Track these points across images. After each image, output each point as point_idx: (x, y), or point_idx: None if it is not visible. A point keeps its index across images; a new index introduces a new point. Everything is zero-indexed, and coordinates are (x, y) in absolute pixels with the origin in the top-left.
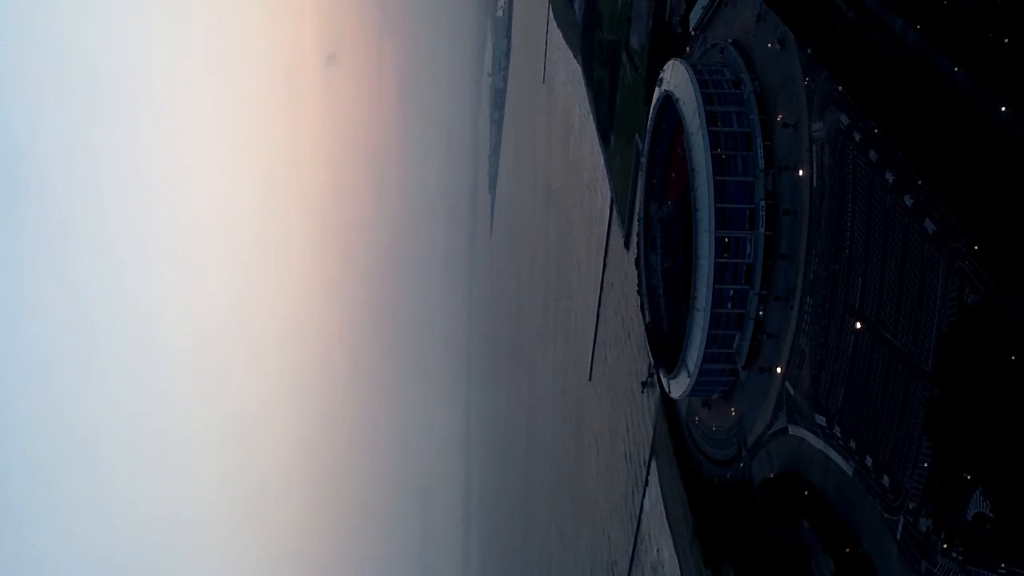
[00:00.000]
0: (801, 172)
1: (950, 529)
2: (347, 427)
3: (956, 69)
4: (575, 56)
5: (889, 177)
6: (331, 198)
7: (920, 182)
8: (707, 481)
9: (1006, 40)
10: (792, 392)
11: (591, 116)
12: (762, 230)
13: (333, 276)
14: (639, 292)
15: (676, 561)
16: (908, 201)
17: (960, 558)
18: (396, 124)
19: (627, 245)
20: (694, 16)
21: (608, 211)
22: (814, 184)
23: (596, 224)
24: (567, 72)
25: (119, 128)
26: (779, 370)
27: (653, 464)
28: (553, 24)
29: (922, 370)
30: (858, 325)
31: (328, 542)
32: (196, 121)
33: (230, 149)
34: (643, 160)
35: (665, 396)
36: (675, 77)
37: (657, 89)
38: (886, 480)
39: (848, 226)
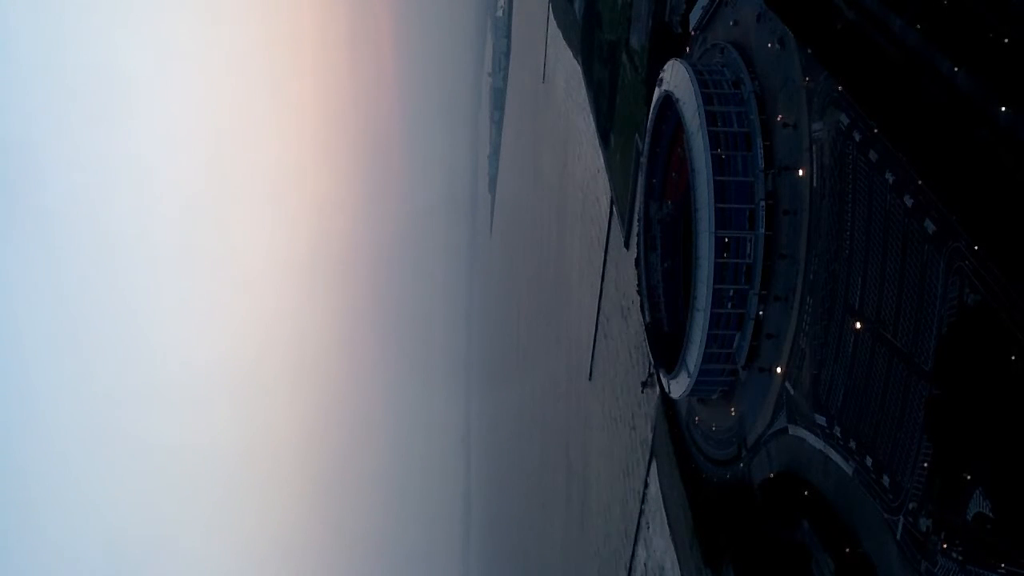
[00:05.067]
0: (801, 172)
1: (950, 529)
2: (347, 427)
3: (956, 69)
4: (575, 56)
5: (889, 177)
6: (331, 198)
7: (920, 182)
8: (707, 481)
9: (1006, 40)
10: (792, 392)
11: (591, 116)
12: (762, 230)
13: (333, 276)
14: (639, 292)
15: (676, 561)
16: (908, 201)
17: (960, 558)
18: (396, 124)
19: (627, 245)
20: (694, 16)
21: (608, 211)
22: (814, 184)
23: (596, 224)
24: (567, 72)
25: (117, 128)
26: (779, 370)
27: (653, 464)
28: (553, 24)
29: (922, 370)
30: (858, 325)
31: (328, 542)
32: (195, 121)
33: (229, 150)
34: (643, 160)
35: (665, 396)
36: (675, 77)
37: (657, 89)
38: (886, 480)
39: (848, 226)
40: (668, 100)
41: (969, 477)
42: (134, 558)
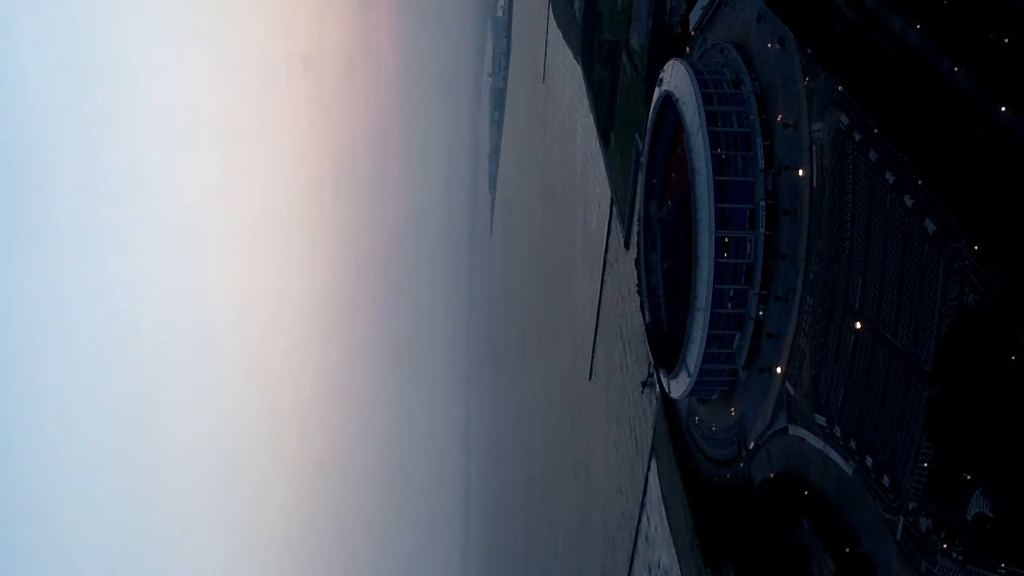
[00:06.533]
0: (801, 172)
1: (950, 529)
2: (346, 427)
3: (956, 69)
4: (575, 56)
5: (889, 177)
6: (331, 198)
7: (920, 182)
8: (707, 481)
9: (1006, 40)
10: (792, 392)
11: (591, 116)
12: (762, 230)
13: (333, 276)
14: (639, 292)
15: (676, 561)
16: (908, 201)
17: (960, 558)
18: (396, 124)
19: (627, 245)
20: (694, 16)
21: (608, 211)
22: (814, 184)
23: (596, 224)
24: (567, 72)
25: (116, 127)
26: (779, 370)
27: (653, 464)
28: (553, 24)
29: (922, 370)
30: (858, 325)
31: (327, 542)
32: (195, 120)
33: (229, 149)
34: (643, 160)
35: (665, 396)
36: (675, 77)
37: (657, 89)
38: (886, 480)
39: (848, 226)
40: (668, 100)
41: (969, 477)
42: (132, 557)
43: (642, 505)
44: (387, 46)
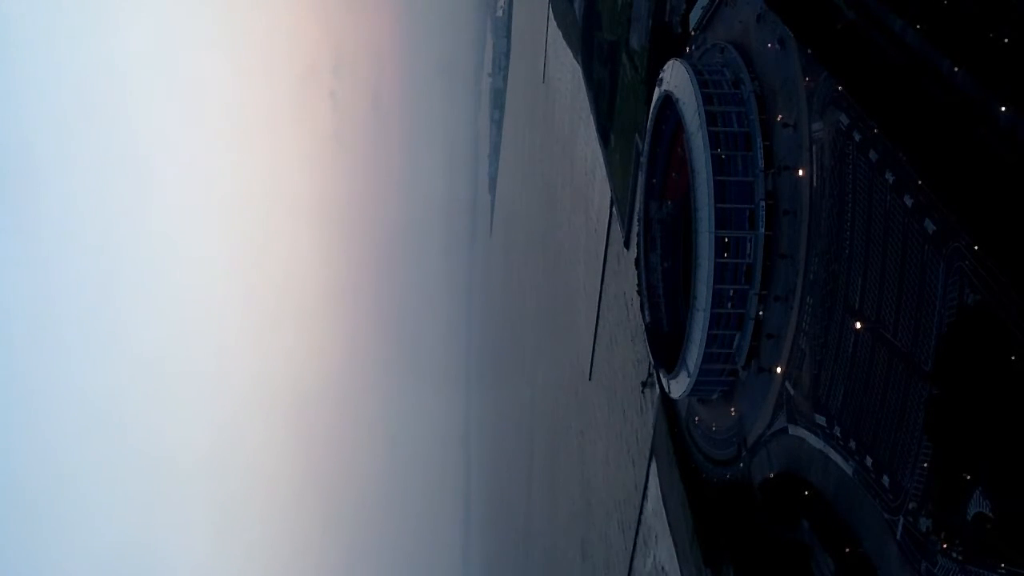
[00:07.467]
0: (801, 172)
1: (950, 529)
2: (346, 427)
3: (956, 69)
4: (575, 56)
5: (889, 177)
6: (331, 199)
7: (920, 182)
8: (707, 481)
9: (1006, 40)
10: (792, 392)
11: (591, 116)
12: (762, 230)
13: (332, 276)
14: (639, 292)
15: (676, 561)
16: (908, 201)
17: (960, 558)
18: (396, 124)
19: (627, 245)
20: (694, 16)
21: (608, 211)
22: (814, 184)
23: (596, 224)
24: (567, 72)
25: (114, 127)
26: (779, 370)
27: (653, 464)
28: (553, 24)
29: (922, 370)
30: (858, 325)
31: (327, 543)
32: (195, 122)
33: (229, 150)
34: (643, 160)
35: (665, 396)
36: (675, 77)
37: (657, 89)
38: (886, 480)
39: (848, 226)
40: (668, 100)
41: (969, 477)
42: (130, 557)
43: (642, 505)
44: (387, 46)
